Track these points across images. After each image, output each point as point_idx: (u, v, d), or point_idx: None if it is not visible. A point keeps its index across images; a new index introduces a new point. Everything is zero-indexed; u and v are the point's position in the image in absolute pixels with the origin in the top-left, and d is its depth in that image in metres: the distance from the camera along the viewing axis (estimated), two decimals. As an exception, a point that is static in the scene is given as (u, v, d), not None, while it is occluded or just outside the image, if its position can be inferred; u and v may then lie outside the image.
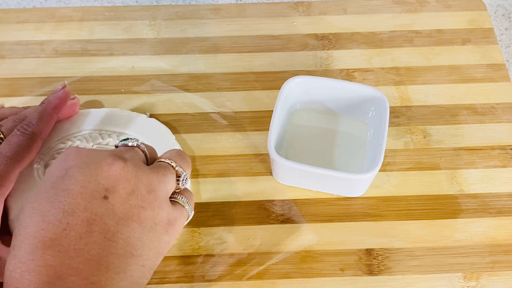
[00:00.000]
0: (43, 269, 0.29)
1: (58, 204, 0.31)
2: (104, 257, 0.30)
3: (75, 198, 0.31)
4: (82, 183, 0.31)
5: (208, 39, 0.57)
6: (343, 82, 0.49)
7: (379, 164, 0.43)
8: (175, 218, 0.35)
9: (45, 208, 0.31)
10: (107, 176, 0.32)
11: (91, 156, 0.33)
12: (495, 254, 0.44)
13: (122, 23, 0.58)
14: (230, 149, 0.49)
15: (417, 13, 0.59)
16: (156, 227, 0.33)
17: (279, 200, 0.46)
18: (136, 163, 0.34)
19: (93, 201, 0.31)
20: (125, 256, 0.31)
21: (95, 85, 0.53)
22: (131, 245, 0.31)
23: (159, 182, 0.34)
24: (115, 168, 0.32)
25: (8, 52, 0.56)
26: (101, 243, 0.30)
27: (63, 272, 0.29)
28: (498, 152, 0.49)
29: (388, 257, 0.44)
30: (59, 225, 0.30)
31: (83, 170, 0.32)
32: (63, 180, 0.32)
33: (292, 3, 0.60)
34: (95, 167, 0.32)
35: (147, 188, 0.33)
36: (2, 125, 0.43)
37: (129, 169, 0.33)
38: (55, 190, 0.31)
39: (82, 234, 0.30)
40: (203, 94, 0.53)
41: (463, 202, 0.46)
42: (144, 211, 0.33)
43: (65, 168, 0.32)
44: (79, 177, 0.31)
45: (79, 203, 0.31)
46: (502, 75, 0.54)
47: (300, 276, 0.43)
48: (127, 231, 0.32)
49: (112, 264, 0.30)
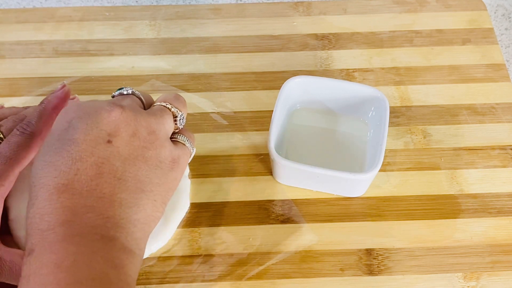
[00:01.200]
0: (61, 210, 0.31)
1: (66, 153, 0.32)
2: (116, 194, 0.32)
3: (81, 145, 0.32)
4: (85, 131, 0.33)
5: (208, 39, 0.57)
6: (343, 82, 0.49)
7: (379, 164, 0.43)
8: (178, 156, 0.37)
9: (54, 159, 0.32)
10: (108, 122, 0.34)
11: (90, 107, 0.35)
12: (495, 254, 0.44)
13: (122, 23, 0.58)
14: (230, 149, 0.49)
15: (417, 13, 0.59)
16: (161, 164, 0.35)
17: (279, 200, 0.46)
18: (134, 108, 0.36)
19: (98, 146, 0.33)
20: (136, 192, 0.33)
21: (95, 85, 0.53)
22: (140, 182, 0.33)
23: (158, 123, 0.36)
24: (114, 114, 0.34)
25: (8, 52, 0.56)
26: (112, 182, 0.32)
27: (79, 211, 0.31)
28: (498, 152, 0.49)
29: (388, 257, 0.44)
30: (70, 171, 0.32)
31: (84, 120, 0.34)
32: (67, 132, 0.33)
33: (292, 3, 0.60)
34: (95, 115, 0.34)
35: (147, 130, 0.35)
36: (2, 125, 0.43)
37: (128, 114, 0.35)
38: (61, 142, 0.33)
39: (92, 177, 0.32)
40: (203, 94, 0.53)
41: (463, 202, 0.46)
42: (147, 150, 0.35)
43: (67, 120, 0.34)
44: (82, 126, 0.33)
45: (86, 149, 0.32)
46: (502, 75, 0.54)
47: (300, 276, 0.43)
48: (134, 169, 0.33)
49: (124, 200, 0.32)
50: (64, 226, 0.31)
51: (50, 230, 0.31)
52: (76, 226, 0.31)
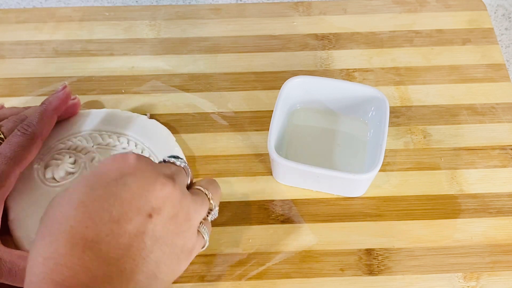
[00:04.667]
0: (80, 269, 0.29)
1: (108, 207, 0.30)
2: (135, 273, 0.30)
3: (125, 207, 0.31)
4: (134, 195, 0.31)
5: (208, 39, 0.57)
6: (343, 82, 0.49)
7: (379, 164, 0.43)
8: (194, 247, 0.36)
9: (93, 206, 0.30)
10: (157, 196, 0.32)
11: (149, 170, 0.33)
12: (495, 254, 0.44)
13: (122, 23, 0.58)
14: (230, 149, 0.49)
15: (417, 13, 0.59)
16: (181, 254, 0.34)
17: (279, 200, 0.46)
18: (183, 189, 0.34)
19: (139, 216, 0.31)
20: (151, 277, 0.32)
21: (96, 85, 0.53)
22: (158, 268, 0.32)
23: (195, 212, 0.35)
24: (166, 190, 0.33)
25: (8, 52, 0.56)
26: (136, 260, 0.31)
27: (98, 278, 0.29)
28: (498, 152, 0.49)
29: (388, 257, 0.44)
30: (103, 229, 0.30)
31: (139, 183, 0.32)
32: (117, 185, 0.31)
33: (292, 3, 0.60)
34: (149, 183, 0.32)
35: (185, 216, 0.34)
36: (3, 125, 0.43)
37: (177, 194, 0.33)
38: (107, 192, 0.31)
39: (122, 246, 0.30)
40: (203, 94, 0.53)
41: (463, 202, 0.46)
42: (177, 238, 0.33)
43: (122, 172, 0.32)
44: (134, 188, 0.31)
45: (127, 214, 0.31)
46: (502, 75, 0.54)
47: (300, 276, 0.43)
48: (159, 254, 0.32)
49: (139, 282, 0.31)
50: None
51: (63, 286, 0.29)
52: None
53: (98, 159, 0.46)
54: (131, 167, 0.33)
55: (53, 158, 0.46)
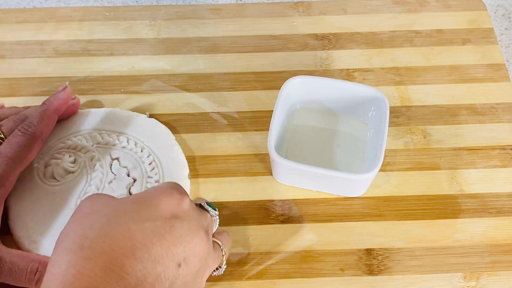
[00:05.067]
0: None
1: (150, 244, 0.31)
2: None
3: (163, 249, 0.31)
4: (175, 240, 0.32)
5: (208, 39, 0.57)
6: (343, 82, 0.49)
7: (379, 164, 0.43)
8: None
9: (137, 236, 0.31)
10: (192, 248, 0.33)
11: (194, 220, 0.34)
12: (495, 254, 0.44)
13: (122, 23, 0.58)
14: (230, 149, 0.49)
15: (417, 13, 0.59)
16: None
17: (279, 200, 0.46)
18: (211, 244, 0.36)
19: (171, 263, 0.32)
20: None
21: (95, 85, 0.53)
22: None
23: (210, 269, 0.37)
24: (201, 244, 0.34)
25: (8, 52, 0.56)
26: None
27: None
28: (498, 152, 0.49)
29: (388, 257, 0.44)
30: (139, 264, 0.30)
31: (183, 231, 0.33)
32: (164, 224, 0.32)
33: (292, 3, 0.60)
34: (191, 234, 0.33)
35: (203, 272, 0.35)
36: (3, 125, 0.43)
37: (206, 250, 0.34)
38: (153, 228, 0.32)
39: (147, 284, 0.30)
40: (203, 94, 0.53)
41: (463, 202, 0.46)
42: (192, 286, 0.34)
43: (174, 213, 0.33)
44: (178, 234, 0.32)
45: (162, 257, 0.31)
46: (502, 75, 0.54)
47: (300, 276, 0.43)
48: None
49: None
50: None
51: None
52: None
53: (98, 158, 0.46)
54: (183, 212, 0.34)
55: (53, 157, 0.46)
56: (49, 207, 0.43)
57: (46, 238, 0.42)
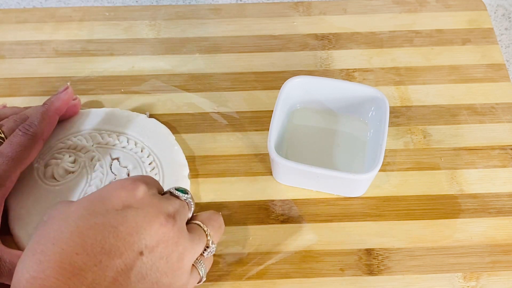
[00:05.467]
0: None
1: (102, 238, 0.31)
2: None
3: (118, 241, 0.31)
4: (131, 230, 0.31)
5: (208, 39, 0.57)
6: (343, 82, 0.49)
7: (379, 164, 0.43)
8: (186, 285, 0.35)
9: (87, 233, 0.31)
10: (153, 234, 0.32)
11: (152, 206, 0.33)
12: (495, 254, 0.44)
13: (122, 23, 0.58)
14: (230, 149, 0.49)
15: (417, 13, 0.59)
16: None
17: (279, 200, 0.46)
18: (181, 228, 0.34)
19: (130, 252, 0.31)
20: None
21: (95, 85, 0.53)
22: None
23: (190, 251, 0.35)
24: (163, 230, 0.33)
25: (8, 52, 0.56)
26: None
27: None
28: (498, 152, 0.49)
29: (388, 257, 0.44)
30: (92, 259, 0.30)
31: (138, 219, 0.32)
32: (116, 216, 0.32)
33: (292, 3, 0.60)
34: (149, 220, 0.32)
35: (179, 256, 0.34)
36: (3, 124, 0.43)
37: (173, 235, 0.33)
38: (105, 222, 0.31)
39: (107, 278, 0.30)
40: (203, 94, 0.53)
41: (463, 202, 0.46)
42: (166, 277, 0.33)
43: (125, 203, 0.32)
44: (132, 223, 0.32)
45: (119, 248, 0.31)
46: (502, 75, 0.54)
47: (300, 276, 0.43)
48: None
49: None
50: None
51: None
52: None
53: (98, 158, 0.46)
54: (136, 200, 0.33)
55: (53, 157, 0.46)
56: (49, 207, 0.43)
57: (46, 238, 0.42)
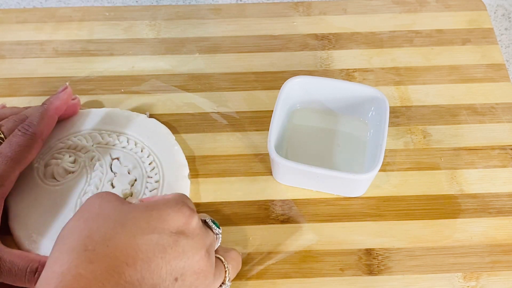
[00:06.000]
0: None
1: (152, 255, 0.31)
2: None
3: (163, 262, 0.32)
4: (177, 254, 0.33)
5: (208, 39, 0.57)
6: (343, 82, 0.49)
7: (379, 164, 0.43)
8: None
9: (142, 247, 0.31)
10: (192, 265, 0.33)
11: (199, 239, 0.34)
12: (495, 254, 0.44)
13: (122, 23, 0.58)
14: (230, 149, 0.49)
15: (417, 13, 0.59)
16: None
17: (279, 200, 0.46)
18: (212, 262, 0.36)
19: (169, 276, 0.32)
20: None
21: (95, 85, 0.53)
22: None
23: (212, 283, 0.36)
24: (200, 263, 0.34)
25: (8, 52, 0.56)
26: None
27: None
28: (498, 152, 0.49)
29: (388, 257, 0.44)
30: (138, 274, 0.31)
31: (186, 248, 0.33)
32: (169, 238, 0.33)
33: (292, 3, 0.60)
34: (194, 251, 0.34)
35: (204, 286, 0.35)
36: (3, 125, 0.43)
37: (206, 269, 0.34)
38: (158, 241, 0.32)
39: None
40: (203, 94, 0.53)
41: (463, 202, 0.46)
42: None
43: (181, 230, 0.33)
44: (180, 248, 0.33)
45: (161, 269, 0.32)
46: (502, 75, 0.54)
47: (300, 276, 0.43)
48: None
49: None
50: None
51: None
52: None
53: (98, 157, 0.46)
54: (190, 230, 0.34)
55: (53, 157, 0.46)
56: (49, 207, 0.43)
57: (46, 238, 0.42)
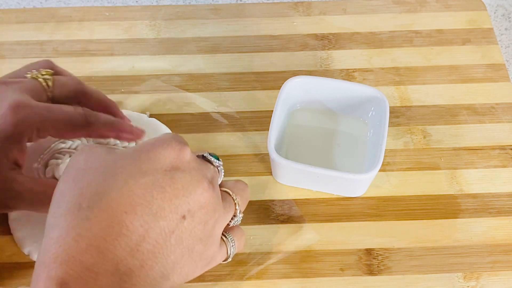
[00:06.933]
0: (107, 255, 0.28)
1: (151, 199, 0.29)
2: (151, 270, 0.30)
3: (165, 202, 0.30)
4: (177, 191, 0.30)
5: (208, 39, 0.57)
6: (343, 82, 0.49)
7: (379, 164, 0.43)
8: (215, 257, 0.35)
9: (137, 192, 0.29)
10: (196, 199, 0.31)
11: (196, 170, 0.32)
12: (495, 254, 0.44)
13: (122, 23, 0.58)
14: (230, 149, 0.49)
15: (417, 13, 0.59)
16: (199, 261, 0.33)
17: (279, 200, 0.46)
18: (218, 194, 0.33)
19: (174, 215, 0.30)
20: (164, 277, 0.31)
21: (95, 85, 0.53)
22: (173, 270, 0.31)
23: (222, 219, 0.34)
24: (205, 195, 0.32)
25: (8, 52, 0.56)
26: (157, 257, 0.30)
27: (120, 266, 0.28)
28: (498, 152, 0.49)
29: (388, 257, 0.44)
30: (140, 219, 0.29)
31: (185, 182, 0.31)
32: (165, 177, 0.30)
33: (292, 3, 0.60)
34: (194, 184, 0.31)
35: (213, 223, 0.33)
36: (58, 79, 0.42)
37: (213, 201, 0.32)
38: (155, 183, 0.30)
39: (150, 240, 0.29)
40: (203, 94, 0.53)
41: (463, 202, 0.46)
42: (200, 244, 0.32)
43: (174, 165, 0.31)
44: (179, 185, 0.31)
45: (164, 210, 0.30)
46: (502, 75, 0.54)
47: (300, 276, 0.43)
48: (179, 256, 0.31)
49: (151, 279, 0.30)
50: None
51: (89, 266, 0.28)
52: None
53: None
54: (183, 163, 0.31)
55: (53, 157, 0.46)
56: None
57: (46, 238, 0.42)
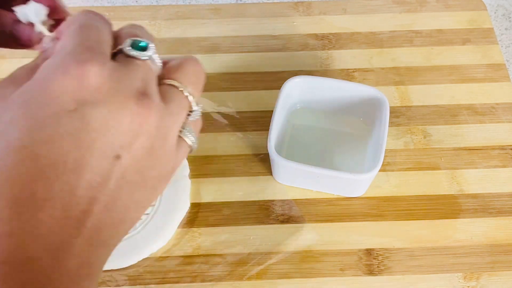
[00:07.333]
0: (30, 235, 0.22)
1: (61, 153, 0.22)
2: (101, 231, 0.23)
3: (83, 151, 0.22)
4: (96, 133, 0.23)
5: (208, 39, 0.57)
6: (343, 82, 0.49)
7: (379, 164, 0.43)
8: (175, 164, 0.27)
9: (40, 152, 0.22)
10: (127, 130, 0.23)
11: (114, 92, 0.23)
12: (495, 254, 0.44)
13: (122, 23, 0.58)
14: (230, 149, 0.49)
15: (417, 13, 0.59)
16: (158, 184, 0.26)
17: (279, 200, 0.46)
18: (157, 104, 0.25)
19: (102, 161, 0.23)
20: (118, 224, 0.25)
21: (95, 85, 0.53)
22: (127, 212, 0.25)
23: (173, 125, 0.26)
24: (138, 120, 0.24)
25: (8, 52, 0.56)
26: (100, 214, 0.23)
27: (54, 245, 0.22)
28: (498, 152, 0.49)
29: (388, 257, 0.44)
30: (56, 182, 0.22)
31: (101, 115, 0.23)
32: (71, 120, 0.22)
33: (292, 3, 0.60)
34: (116, 114, 0.23)
35: (161, 141, 0.25)
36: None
37: (152, 119, 0.24)
38: (60, 132, 0.22)
39: (81, 200, 0.23)
40: (203, 94, 0.52)
41: (463, 202, 0.46)
42: (152, 170, 0.25)
43: (79, 99, 0.23)
44: (95, 125, 0.23)
45: (86, 159, 0.23)
46: (502, 75, 0.54)
47: (300, 276, 0.43)
48: (128, 197, 0.24)
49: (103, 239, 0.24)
50: None
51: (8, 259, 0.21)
52: None
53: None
54: (92, 91, 0.23)
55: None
56: None
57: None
